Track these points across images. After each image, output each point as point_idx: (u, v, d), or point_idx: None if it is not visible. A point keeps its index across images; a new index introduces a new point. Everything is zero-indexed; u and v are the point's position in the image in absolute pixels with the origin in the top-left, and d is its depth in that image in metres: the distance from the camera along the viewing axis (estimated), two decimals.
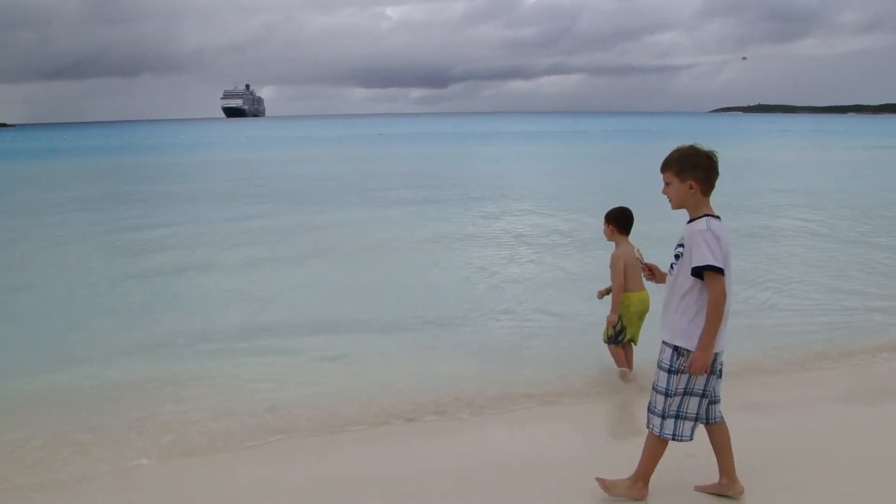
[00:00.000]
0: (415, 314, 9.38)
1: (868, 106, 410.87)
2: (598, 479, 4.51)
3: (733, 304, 4.21)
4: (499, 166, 37.29)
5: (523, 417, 6.12)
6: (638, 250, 4.69)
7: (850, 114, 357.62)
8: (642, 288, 6.70)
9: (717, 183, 4.13)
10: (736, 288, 4.43)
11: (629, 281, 6.68)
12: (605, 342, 7.01)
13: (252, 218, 18.29)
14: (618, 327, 6.81)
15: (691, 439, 4.26)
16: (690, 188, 4.11)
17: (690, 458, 4.83)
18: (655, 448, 4.36)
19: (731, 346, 4.37)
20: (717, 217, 4.13)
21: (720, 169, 4.14)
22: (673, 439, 4.25)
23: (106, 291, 10.85)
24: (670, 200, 4.21)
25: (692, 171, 4.11)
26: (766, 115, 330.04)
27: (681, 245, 4.19)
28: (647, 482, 4.43)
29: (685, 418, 4.23)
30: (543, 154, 49.50)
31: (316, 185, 27.71)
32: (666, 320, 4.24)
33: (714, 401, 4.28)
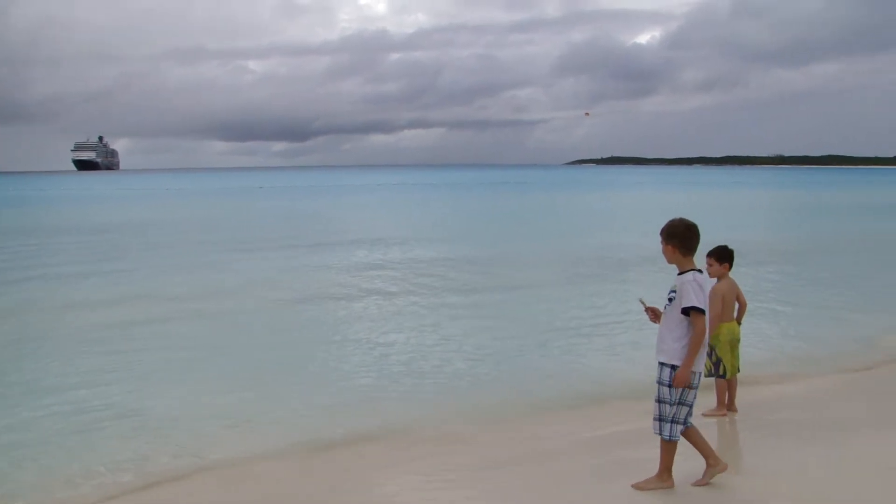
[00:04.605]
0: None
1: (712, 158, 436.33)
2: (633, 485, 5.73)
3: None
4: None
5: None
6: (641, 300, 5.87)
7: (696, 165, 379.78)
8: (732, 319, 7.53)
9: None
10: None
11: (723, 313, 7.43)
12: (706, 376, 7.44)
13: None
14: (713, 358, 7.48)
15: (678, 438, 5.59)
16: (673, 250, 5.55)
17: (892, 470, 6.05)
18: (670, 448, 5.65)
19: None
20: (700, 271, 5.58)
21: None
22: (671, 440, 5.58)
23: None
24: (665, 257, 5.58)
25: (672, 238, 5.55)
26: (619, 167, 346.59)
27: (673, 291, 5.54)
28: (670, 474, 5.68)
29: (678, 422, 5.57)
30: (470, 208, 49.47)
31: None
32: (663, 347, 5.55)
33: (691, 409, 5.63)
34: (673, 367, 5.45)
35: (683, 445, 5.65)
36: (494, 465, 6.52)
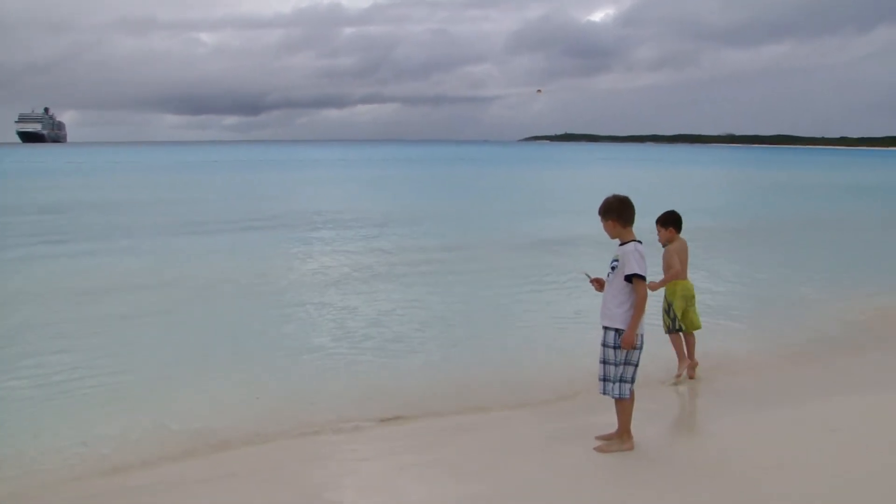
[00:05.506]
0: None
1: (664, 136, 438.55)
2: (595, 448, 6.09)
3: None
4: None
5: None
6: (586, 273, 6.28)
7: (648, 143, 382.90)
8: (686, 277, 7.98)
9: None
10: None
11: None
12: (666, 332, 8.10)
13: None
14: (671, 314, 7.93)
15: (630, 397, 5.97)
16: (612, 224, 5.97)
17: (834, 431, 6.46)
18: (624, 407, 6.04)
19: None
20: (640, 241, 5.97)
21: None
22: (621, 398, 5.96)
23: None
24: (608, 233, 5.99)
25: (609, 213, 5.99)
26: (573, 144, 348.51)
27: (616, 260, 5.96)
28: (630, 434, 6.08)
29: (627, 381, 5.96)
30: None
31: None
32: (606, 311, 5.97)
33: (636, 368, 6.00)
34: (616, 331, 5.88)
35: (653, 412, 6.02)
36: (461, 432, 6.93)
